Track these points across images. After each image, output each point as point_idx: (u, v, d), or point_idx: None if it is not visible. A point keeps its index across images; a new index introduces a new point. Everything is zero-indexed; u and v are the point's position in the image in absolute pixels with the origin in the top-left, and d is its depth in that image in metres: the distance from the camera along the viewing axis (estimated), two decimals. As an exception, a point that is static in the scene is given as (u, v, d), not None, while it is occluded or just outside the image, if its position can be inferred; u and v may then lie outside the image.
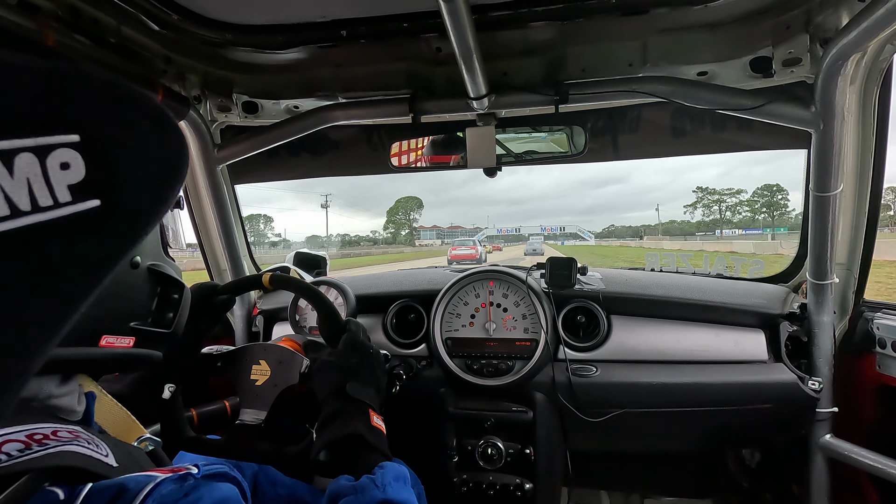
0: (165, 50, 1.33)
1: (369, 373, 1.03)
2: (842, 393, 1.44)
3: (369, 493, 0.75)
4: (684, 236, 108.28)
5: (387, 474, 0.79)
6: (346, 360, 1.03)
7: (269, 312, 1.89)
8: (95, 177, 0.34)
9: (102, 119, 0.36)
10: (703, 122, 1.68)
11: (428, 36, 1.28)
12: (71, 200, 0.33)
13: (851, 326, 1.48)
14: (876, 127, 1.29)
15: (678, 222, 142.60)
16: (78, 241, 0.34)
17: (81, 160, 0.34)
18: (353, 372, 1.00)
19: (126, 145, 0.37)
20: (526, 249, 51.68)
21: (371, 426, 0.92)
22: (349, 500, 0.75)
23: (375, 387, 1.03)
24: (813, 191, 1.31)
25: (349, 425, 0.90)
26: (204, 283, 1.16)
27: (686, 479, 2.10)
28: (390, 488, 0.77)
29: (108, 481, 0.52)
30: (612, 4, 1.15)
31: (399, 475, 0.81)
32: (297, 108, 1.61)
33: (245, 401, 1.11)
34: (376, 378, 1.05)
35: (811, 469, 1.48)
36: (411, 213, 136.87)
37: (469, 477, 1.52)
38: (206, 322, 1.16)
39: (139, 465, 0.63)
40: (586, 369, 1.51)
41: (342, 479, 0.80)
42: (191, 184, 1.77)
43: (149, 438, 0.76)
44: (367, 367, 1.04)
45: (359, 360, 1.04)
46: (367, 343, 1.10)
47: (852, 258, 1.45)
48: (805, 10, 1.12)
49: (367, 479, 0.78)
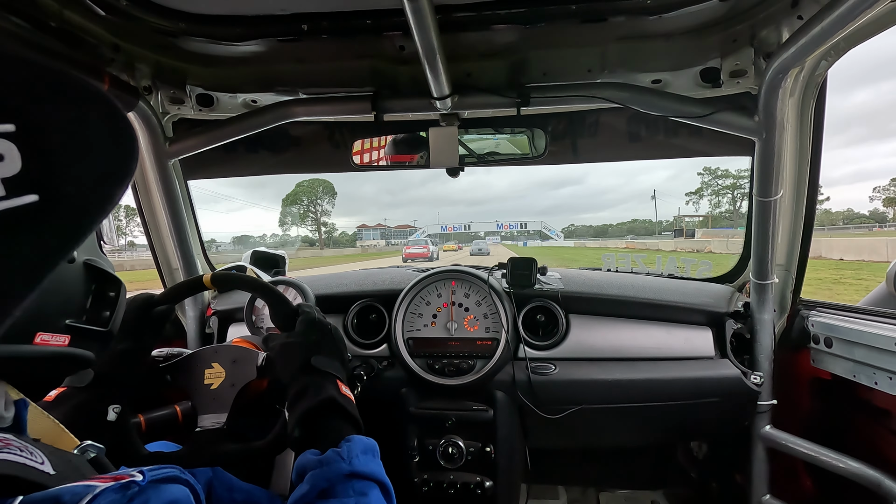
0: (113, 37, 1.26)
1: (331, 346, 1.02)
2: (780, 386, 1.53)
3: (335, 465, 0.74)
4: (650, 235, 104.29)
5: (354, 447, 0.78)
6: (306, 337, 1.01)
7: (224, 313, 1.82)
8: (33, 170, 0.32)
9: (42, 108, 0.33)
10: (658, 128, 1.75)
11: (391, 34, 1.27)
12: (5, 195, 0.31)
13: (789, 324, 1.57)
14: (812, 137, 1.38)
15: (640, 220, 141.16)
16: (14, 239, 0.32)
17: (17, 151, 0.31)
18: (316, 346, 0.99)
19: (68, 137, 0.34)
20: (472, 250, 51.09)
21: (341, 394, 0.91)
22: (315, 473, 0.74)
23: (340, 359, 1.01)
24: (756, 196, 1.39)
25: (321, 393, 0.89)
26: (138, 294, 1.09)
27: (639, 472, 2.18)
28: (357, 461, 0.76)
29: (42, 493, 0.48)
30: (572, 11, 1.18)
31: (367, 448, 0.81)
32: (255, 102, 1.56)
33: (202, 407, 1.06)
34: (339, 351, 1.03)
35: (753, 458, 1.56)
36: (318, 201, 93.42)
37: (430, 477, 1.52)
38: (148, 336, 1.08)
39: (80, 473, 0.59)
40: (545, 367, 1.54)
41: (308, 454, 0.78)
42: (140, 179, 1.69)
43: (90, 445, 0.71)
44: (328, 340, 1.02)
45: (319, 335, 1.02)
46: (324, 319, 1.08)
47: (790, 260, 1.54)
48: (750, 25, 1.19)
49: (333, 452, 0.77)
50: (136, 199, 1.74)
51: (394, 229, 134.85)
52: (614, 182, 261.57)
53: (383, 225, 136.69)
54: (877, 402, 1.33)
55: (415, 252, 37.65)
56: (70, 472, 0.56)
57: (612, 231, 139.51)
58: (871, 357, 1.27)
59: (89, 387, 0.94)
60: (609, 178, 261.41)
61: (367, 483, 0.75)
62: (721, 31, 1.22)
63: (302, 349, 0.98)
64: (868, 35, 1.08)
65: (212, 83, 1.49)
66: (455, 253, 53.46)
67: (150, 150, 1.55)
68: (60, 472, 0.54)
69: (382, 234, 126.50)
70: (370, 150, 1.69)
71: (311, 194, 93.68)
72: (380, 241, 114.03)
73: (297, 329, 1.03)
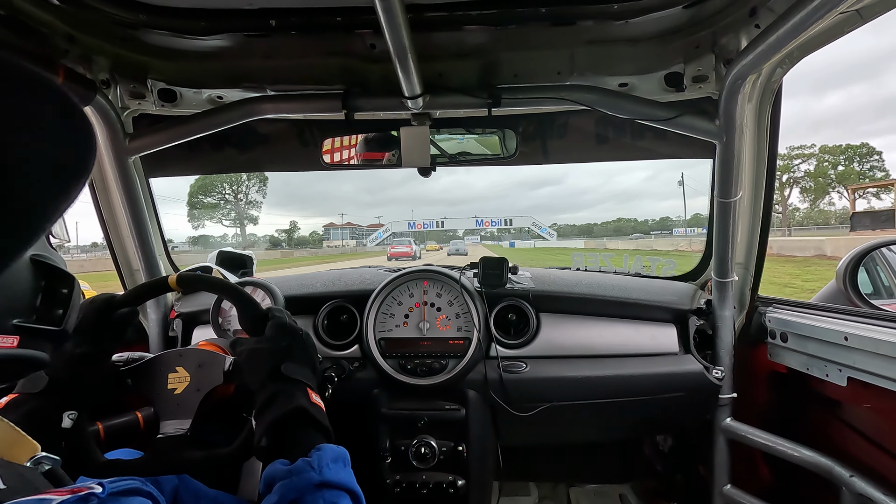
0: (67, 27, 1.20)
1: (302, 352, 0.99)
2: (740, 380, 1.59)
3: (305, 475, 0.72)
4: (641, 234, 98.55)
5: (324, 456, 0.77)
6: (276, 343, 0.97)
7: (188, 315, 1.76)
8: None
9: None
10: (624, 131, 1.79)
11: (362, 32, 1.26)
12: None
13: (748, 320, 1.64)
14: (769, 141, 1.44)
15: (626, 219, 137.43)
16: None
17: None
18: (286, 353, 0.96)
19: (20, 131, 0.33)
20: (449, 250, 51.10)
21: (312, 402, 0.89)
22: (284, 483, 0.72)
23: (311, 366, 0.99)
24: (717, 197, 1.44)
25: (290, 402, 0.86)
26: (97, 295, 1.03)
27: (607, 466, 2.23)
28: (327, 470, 0.74)
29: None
30: (542, 14, 1.20)
31: (337, 456, 0.79)
32: (220, 98, 1.51)
33: (165, 413, 1.02)
34: (310, 357, 1.00)
35: (714, 450, 1.62)
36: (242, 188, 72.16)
37: (402, 477, 1.52)
38: (109, 340, 1.02)
39: (34, 487, 0.56)
40: (517, 366, 1.56)
41: (277, 464, 0.76)
42: (98, 176, 1.62)
43: (45, 457, 0.68)
44: (298, 347, 0.99)
45: (289, 341, 0.99)
46: (295, 325, 1.05)
47: (749, 258, 1.61)
48: (711, 33, 1.23)
49: (303, 461, 0.75)
50: (94, 197, 1.66)
51: (366, 228, 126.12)
52: (593, 182, 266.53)
53: (353, 224, 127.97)
54: (828, 392, 1.40)
55: (399, 251, 41.37)
56: (22, 487, 0.53)
57: (598, 230, 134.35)
58: (822, 350, 1.34)
59: (43, 392, 0.89)
60: (588, 179, 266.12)
61: (337, 493, 0.73)
62: (684, 37, 1.26)
63: (271, 355, 0.95)
64: (819, 45, 1.13)
65: (175, 78, 1.44)
66: (437, 252, 53.91)
67: (109, 146, 1.48)
68: (12, 486, 0.52)
69: (353, 233, 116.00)
70: (341, 148, 1.67)
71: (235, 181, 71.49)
72: (349, 240, 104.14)
73: (267, 334, 1.00)
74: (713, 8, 1.17)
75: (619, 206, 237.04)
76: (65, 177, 0.36)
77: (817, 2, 0.85)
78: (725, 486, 1.61)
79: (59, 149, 0.35)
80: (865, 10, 0.99)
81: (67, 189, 0.36)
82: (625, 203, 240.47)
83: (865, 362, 1.20)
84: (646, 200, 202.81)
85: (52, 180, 0.35)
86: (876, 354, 1.16)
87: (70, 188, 0.36)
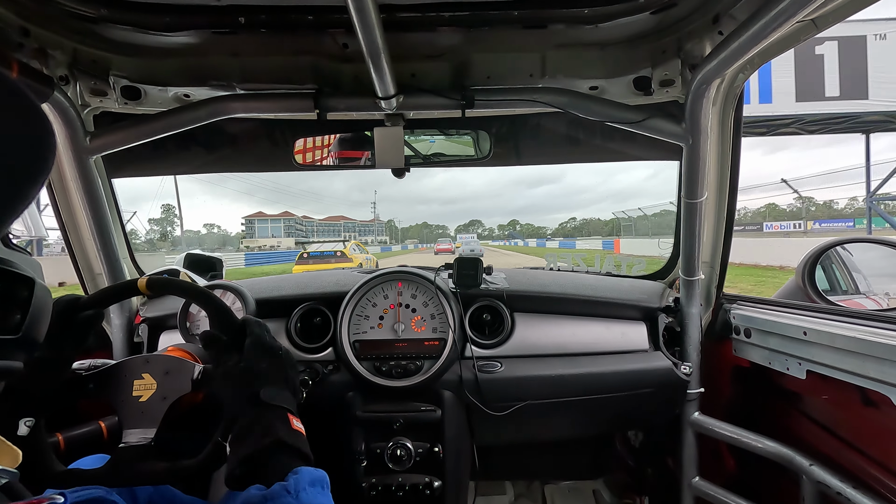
0: (21, 20, 1.14)
1: (282, 375, 0.96)
2: (707, 375, 1.64)
3: (281, 500, 0.70)
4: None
5: (301, 479, 0.74)
6: (254, 365, 0.94)
7: (154, 320, 1.70)
8: None
9: None
10: (595, 133, 1.83)
11: (334, 31, 1.24)
12: None
13: (714, 317, 1.69)
14: (732, 144, 1.49)
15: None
16: None
17: None
18: (265, 377, 0.92)
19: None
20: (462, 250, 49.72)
21: (292, 430, 0.86)
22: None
23: (291, 389, 0.96)
24: (684, 198, 1.48)
25: (268, 434, 0.83)
26: (61, 297, 0.97)
27: (581, 463, 2.27)
28: (304, 494, 0.72)
29: None
30: (514, 17, 1.21)
31: (315, 479, 0.76)
32: (187, 96, 1.47)
33: (129, 421, 0.96)
34: (291, 379, 0.97)
35: (683, 444, 1.67)
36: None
37: (378, 480, 1.50)
38: (70, 344, 0.98)
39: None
40: (491, 365, 1.57)
41: (252, 490, 0.73)
42: (56, 176, 1.54)
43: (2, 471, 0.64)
44: (278, 369, 0.96)
45: (269, 362, 0.95)
46: (275, 343, 1.01)
47: (714, 257, 1.66)
48: (677, 38, 1.27)
49: (280, 486, 0.72)
50: (52, 197, 1.58)
51: (319, 221, 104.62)
52: (591, 181, 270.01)
53: (309, 217, 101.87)
54: (788, 385, 1.46)
55: (443, 247, 50.06)
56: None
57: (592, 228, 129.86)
58: (783, 345, 1.39)
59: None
60: (586, 177, 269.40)
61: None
62: (651, 42, 1.30)
63: (249, 379, 0.91)
64: (777, 52, 1.18)
65: (139, 75, 1.39)
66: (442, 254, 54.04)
67: (68, 145, 1.42)
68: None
69: (297, 227, 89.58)
70: (313, 149, 1.65)
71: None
72: (284, 238, 78.43)
73: (245, 354, 0.95)
74: (678, 14, 1.20)
75: (615, 206, 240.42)
76: (21, 177, 0.34)
77: (776, 11, 0.90)
78: (694, 478, 1.65)
79: (13, 147, 0.34)
80: (820, 20, 1.04)
81: (23, 190, 0.34)
82: (621, 203, 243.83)
83: (823, 356, 1.25)
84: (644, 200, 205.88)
85: (7, 181, 0.33)
86: (832, 348, 1.22)
87: (26, 189, 0.35)
